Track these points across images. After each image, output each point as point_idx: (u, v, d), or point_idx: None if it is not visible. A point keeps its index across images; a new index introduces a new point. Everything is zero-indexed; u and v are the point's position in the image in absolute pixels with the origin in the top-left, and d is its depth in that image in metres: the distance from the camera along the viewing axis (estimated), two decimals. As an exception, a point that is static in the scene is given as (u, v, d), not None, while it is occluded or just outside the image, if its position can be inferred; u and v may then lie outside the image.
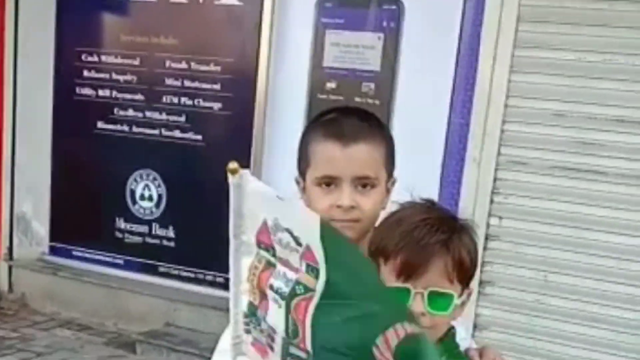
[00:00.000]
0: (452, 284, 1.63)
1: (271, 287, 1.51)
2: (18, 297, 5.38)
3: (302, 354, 1.50)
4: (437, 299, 1.62)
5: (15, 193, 5.34)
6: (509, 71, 3.88)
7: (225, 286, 4.61)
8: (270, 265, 1.53)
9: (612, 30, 3.72)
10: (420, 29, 4.16)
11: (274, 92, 4.48)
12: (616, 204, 3.81)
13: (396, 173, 4.00)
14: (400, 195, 1.83)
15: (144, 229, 4.92)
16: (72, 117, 5.13)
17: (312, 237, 1.44)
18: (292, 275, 1.49)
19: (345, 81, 4.34)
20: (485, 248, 3.97)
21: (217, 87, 4.68)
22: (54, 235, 5.21)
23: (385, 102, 4.27)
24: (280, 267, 1.50)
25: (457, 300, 1.63)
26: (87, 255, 5.12)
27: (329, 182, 1.85)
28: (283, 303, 1.50)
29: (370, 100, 4.30)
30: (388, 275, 1.64)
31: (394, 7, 4.20)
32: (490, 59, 3.90)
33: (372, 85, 4.29)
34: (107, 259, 5.06)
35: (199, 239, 4.77)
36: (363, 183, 1.85)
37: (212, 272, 4.76)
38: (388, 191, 1.95)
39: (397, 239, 1.65)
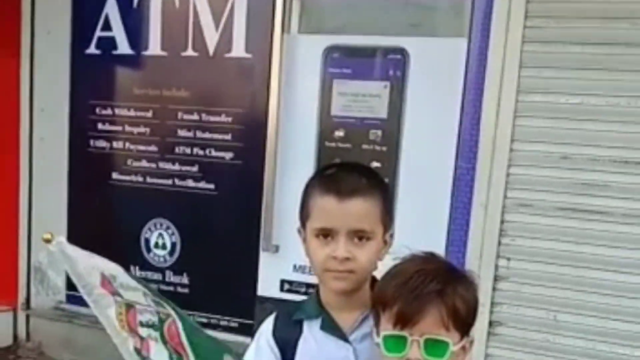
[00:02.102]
0: (448, 332, 1.68)
1: (141, 324, 1.53)
2: (35, 345, 5.33)
3: None
4: (434, 346, 1.68)
5: (32, 243, 5.29)
6: (514, 116, 3.85)
7: (238, 330, 4.60)
8: (130, 306, 1.54)
9: (613, 74, 3.69)
10: (426, 77, 4.14)
11: (283, 141, 4.44)
12: (621, 243, 3.75)
13: (405, 218, 3.99)
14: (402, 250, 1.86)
15: (158, 276, 4.87)
16: (87, 168, 5.10)
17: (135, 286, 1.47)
18: (150, 307, 1.51)
19: (353, 129, 4.31)
20: (494, 289, 3.93)
21: (228, 137, 4.65)
22: (71, 284, 5.14)
23: (392, 148, 4.23)
24: (137, 305, 1.52)
25: (453, 348, 1.68)
26: (103, 303, 5.04)
27: (326, 234, 1.90)
28: (158, 335, 1.52)
29: (377, 147, 4.26)
30: (386, 324, 1.69)
31: (399, 56, 4.19)
32: (495, 104, 3.86)
33: (380, 133, 4.26)
34: (123, 306, 4.98)
35: (212, 285, 4.71)
36: (359, 236, 1.90)
37: (226, 317, 4.71)
38: (386, 243, 1.98)
39: (394, 289, 1.71)
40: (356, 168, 2.05)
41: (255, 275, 4.61)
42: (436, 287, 1.70)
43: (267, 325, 2.09)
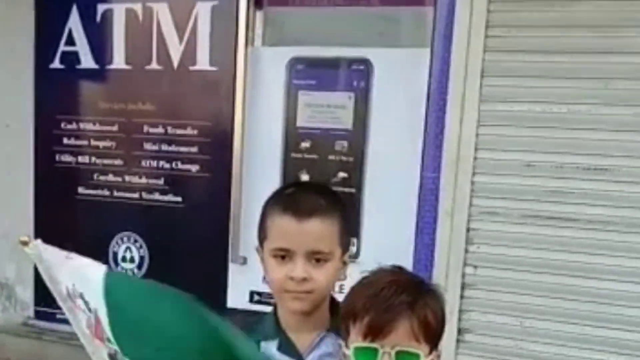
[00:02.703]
0: (419, 344, 1.68)
1: (108, 340, 1.51)
2: (4, 362, 5.26)
3: None
4: (405, 358, 1.65)
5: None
6: (477, 124, 3.85)
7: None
8: (97, 320, 1.52)
9: (574, 82, 3.70)
10: (390, 87, 4.15)
11: (249, 152, 4.42)
12: (586, 248, 3.76)
13: (371, 227, 3.99)
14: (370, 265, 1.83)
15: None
16: (54, 183, 5.04)
17: (98, 297, 1.44)
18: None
19: (319, 140, 4.31)
20: (462, 297, 3.93)
21: (195, 149, 4.62)
22: (38, 299, 5.09)
23: (358, 158, 4.23)
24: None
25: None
26: (71, 318, 4.99)
27: (283, 254, 1.89)
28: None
29: (344, 158, 4.26)
30: (356, 336, 1.69)
31: (362, 67, 4.19)
32: (458, 113, 3.87)
33: (345, 143, 4.25)
34: (92, 321, 4.93)
35: (181, 298, 4.67)
36: (317, 257, 1.88)
37: (195, 331, 4.65)
38: (344, 264, 1.98)
39: (364, 300, 1.70)
40: (315, 188, 2.03)
41: (224, 287, 4.58)
42: (407, 299, 1.69)
43: None
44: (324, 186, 2.11)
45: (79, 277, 1.55)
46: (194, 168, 4.64)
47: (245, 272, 4.48)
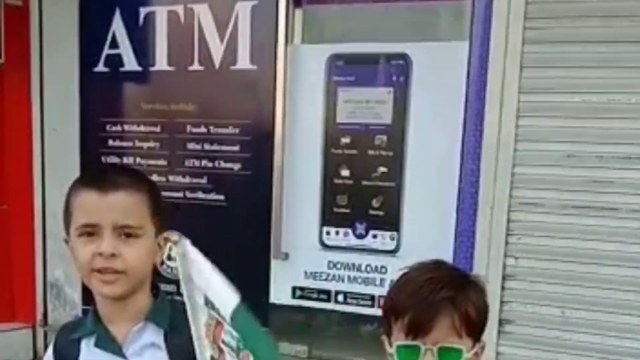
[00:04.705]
0: (461, 339, 1.66)
1: (223, 342, 1.51)
2: (54, 361, 5.30)
3: None
4: (447, 354, 1.66)
5: (48, 260, 5.27)
6: (516, 116, 3.81)
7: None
8: (219, 323, 1.52)
9: (613, 72, 3.66)
10: (429, 81, 4.13)
11: (290, 149, 4.42)
12: (627, 238, 3.71)
13: (412, 221, 3.96)
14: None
15: (171, 288, 4.77)
16: (100, 185, 5.07)
17: (227, 316, 1.46)
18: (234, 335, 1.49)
19: (359, 135, 4.30)
20: (502, 288, 3.89)
21: (236, 148, 4.63)
22: (86, 299, 5.12)
23: (398, 153, 4.21)
24: (225, 325, 1.50)
25: (467, 354, 1.64)
26: (118, 316, 5.02)
27: (90, 231, 1.75)
28: (235, 355, 1.49)
29: (383, 152, 4.24)
30: (398, 334, 1.66)
31: (401, 62, 4.17)
32: (497, 105, 3.83)
33: (385, 138, 4.23)
34: (138, 319, 4.96)
35: (224, 294, 4.67)
36: (126, 232, 1.76)
37: (239, 326, 4.66)
38: (160, 247, 1.87)
39: (405, 298, 1.68)
40: (120, 166, 1.97)
41: (267, 283, 4.58)
42: (448, 294, 1.66)
43: (49, 347, 1.97)
44: (131, 167, 2.05)
45: (215, 287, 1.57)
46: (236, 166, 4.65)
47: (287, 267, 4.49)
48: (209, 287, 1.56)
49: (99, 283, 1.77)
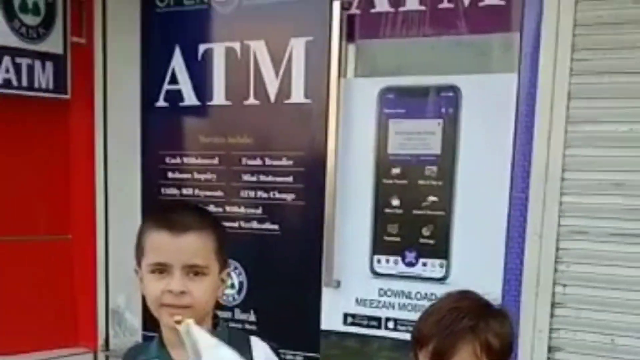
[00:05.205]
0: None
1: None
2: (115, 385, 5.42)
3: None
4: None
5: (110, 287, 5.41)
6: (564, 146, 3.83)
7: (301, 364, 4.54)
8: None
9: (661, 101, 3.67)
10: (478, 112, 4.17)
11: (342, 180, 4.50)
12: (676, 265, 3.69)
13: (461, 250, 4.01)
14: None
15: (227, 314, 4.91)
16: (159, 215, 5.20)
17: None
18: None
19: (409, 166, 4.35)
20: (552, 315, 3.89)
21: (290, 179, 4.73)
22: (147, 324, 5.24)
23: (447, 183, 4.25)
24: None
25: None
26: (175, 343, 5.11)
27: (161, 269, 1.93)
28: None
29: (433, 182, 4.28)
30: None
31: (451, 94, 4.23)
32: (545, 135, 3.87)
33: (435, 168, 4.28)
34: (195, 345, 5.04)
35: (278, 321, 4.75)
36: (194, 271, 1.96)
37: (292, 352, 4.73)
38: (223, 281, 2.08)
39: (429, 327, 1.77)
40: (189, 206, 2.09)
41: (318, 310, 4.64)
42: (469, 324, 1.75)
43: None
44: (198, 206, 2.19)
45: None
46: (290, 197, 4.74)
47: (338, 295, 4.54)
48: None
49: (167, 316, 1.95)
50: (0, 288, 5.16)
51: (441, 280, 4.26)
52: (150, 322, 5.17)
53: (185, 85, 5.05)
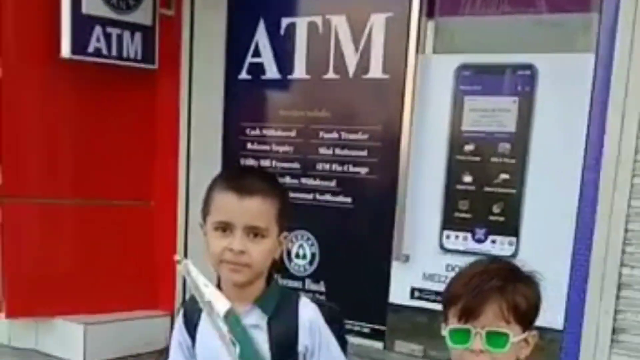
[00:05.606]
0: (508, 325, 1.81)
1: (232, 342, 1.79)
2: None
3: None
4: (495, 338, 1.81)
5: (189, 254, 5.55)
6: (638, 127, 3.81)
7: (370, 336, 4.69)
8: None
9: None
10: (553, 91, 4.17)
11: (416, 155, 4.56)
12: None
13: (533, 226, 4.02)
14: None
15: (298, 284, 5.04)
16: (239, 186, 5.33)
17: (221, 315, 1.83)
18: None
19: (483, 143, 4.38)
20: (617, 297, 3.89)
21: (364, 153, 4.81)
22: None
23: (520, 160, 4.27)
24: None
25: (513, 339, 1.78)
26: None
27: (224, 227, 2.01)
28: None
29: (506, 160, 4.31)
30: (452, 319, 1.80)
31: (527, 72, 4.23)
32: (619, 116, 3.85)
33: (508, 146, 4.30)
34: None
35: (347, 292, 4.83)
36: (254, 232, 2.02)
37: (359, 323, 4.82)
38: (280, 243, 2.12)
39: (459, 287, 1.85)
40: (256, 171, 2.18)
41: (387, 283, 4.72)
42: (497, 284, 1.82)
43: (181, 311, 2.27)
44: (267, 172, 2.27)
45: (214, 298, 1.86)
46: (363, 170, 4.82)
47: (407, 269, 4.61)
48: (209, 294, 1.84)
49: (227, 271, 2.05)
50: (84, 250, 5.41)
51: (510, 257, 4.27)
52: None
53: (267, 59, 5.17)
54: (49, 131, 5.23)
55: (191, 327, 2.21)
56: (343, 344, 2.32)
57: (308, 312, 2.17)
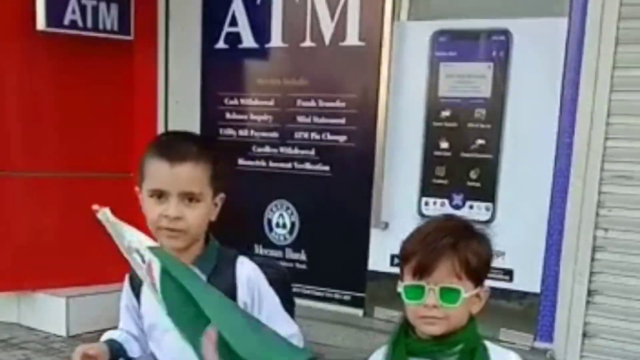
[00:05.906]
0: (460, 280, 1.86)
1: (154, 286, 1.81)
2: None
3: None
4: (448, 293, 1.87)
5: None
6: (610, 90, 3.85)
7: (350, 303, 4.74)
8: (149, 265, 1.83)
9: None
10: (528, 56, 4.21)
11: (393, 123, 4.59)
12: None
13: (508, 191, 4.06)
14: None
15: (278, 253, 5.08)
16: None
17: (150, 256, 1.87)
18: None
19: (459, 109, 4.42)
20: (592, 259, 3.95)
21: (342, 121, 4.84)
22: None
23: (496, 126, 4.31)
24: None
25: (465, 294, 1.82)
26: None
27: (159, 194, 2.04)
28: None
29: (482, 125, 4.35)
30: (407, 276, 1.86)
31: (502, 37, 4.26)
32: (592, 79, 3.89)
33: (484, 111, 4.34)
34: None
35: (327, 261, 4.89)
36: (189, 197, 2.05)
37: (339, 291, 4.89)
38: (216, 205, 2.16)
39: (414, 244, 1.89)
40: (188, 136, 2.19)
41: (366, 250, 4.77)
42: (449, 241, 1.86)
43: (127, 276, 2.31)
44: (196, 135, 2.30)
45: (136, 238, 1.90)
46: (342, 139, 4.85)
47: (386, 236, 4.64)
48: (131, 237, 1.88)
49: (165, 238, 2.07)
50: (62, 223, 5.40)
51: (487, 223, 4.32)
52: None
53: (244, 28, 5.18)
54: (27, 105, 5.21)
55: (136, 290, 2.27)
56: (290, 307, 2.34)
57: (245, 270, 2.18)
